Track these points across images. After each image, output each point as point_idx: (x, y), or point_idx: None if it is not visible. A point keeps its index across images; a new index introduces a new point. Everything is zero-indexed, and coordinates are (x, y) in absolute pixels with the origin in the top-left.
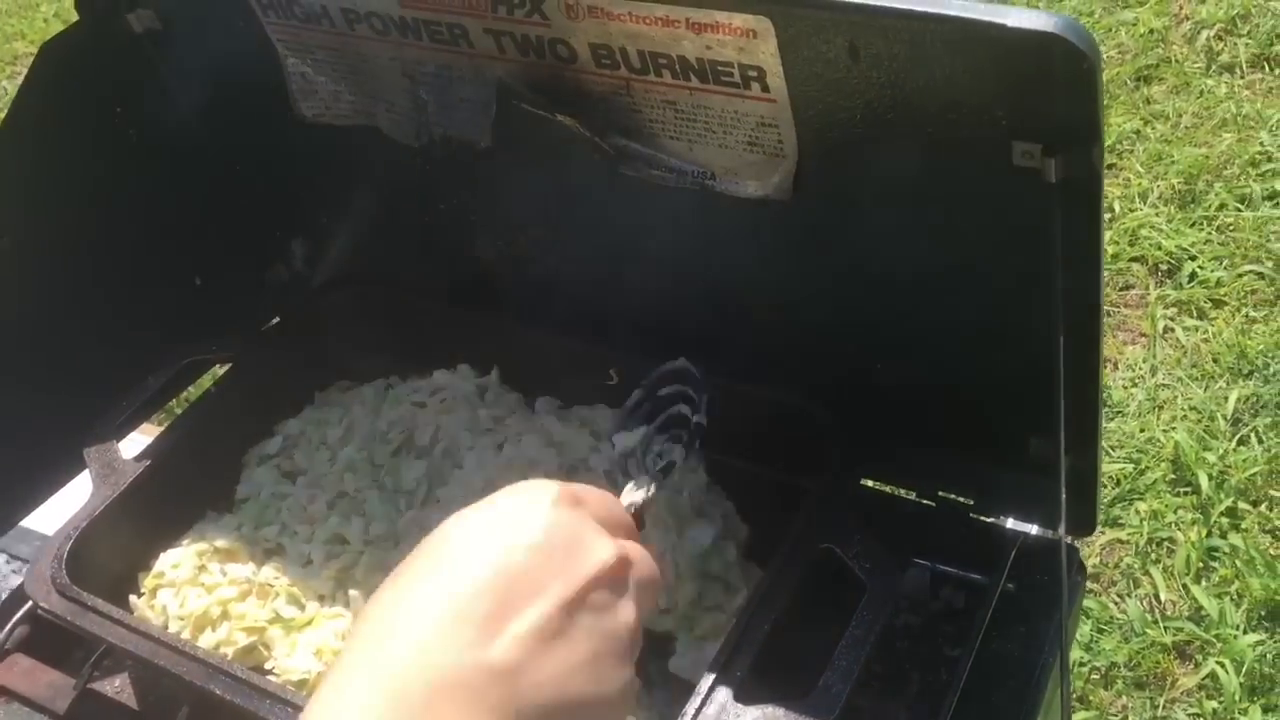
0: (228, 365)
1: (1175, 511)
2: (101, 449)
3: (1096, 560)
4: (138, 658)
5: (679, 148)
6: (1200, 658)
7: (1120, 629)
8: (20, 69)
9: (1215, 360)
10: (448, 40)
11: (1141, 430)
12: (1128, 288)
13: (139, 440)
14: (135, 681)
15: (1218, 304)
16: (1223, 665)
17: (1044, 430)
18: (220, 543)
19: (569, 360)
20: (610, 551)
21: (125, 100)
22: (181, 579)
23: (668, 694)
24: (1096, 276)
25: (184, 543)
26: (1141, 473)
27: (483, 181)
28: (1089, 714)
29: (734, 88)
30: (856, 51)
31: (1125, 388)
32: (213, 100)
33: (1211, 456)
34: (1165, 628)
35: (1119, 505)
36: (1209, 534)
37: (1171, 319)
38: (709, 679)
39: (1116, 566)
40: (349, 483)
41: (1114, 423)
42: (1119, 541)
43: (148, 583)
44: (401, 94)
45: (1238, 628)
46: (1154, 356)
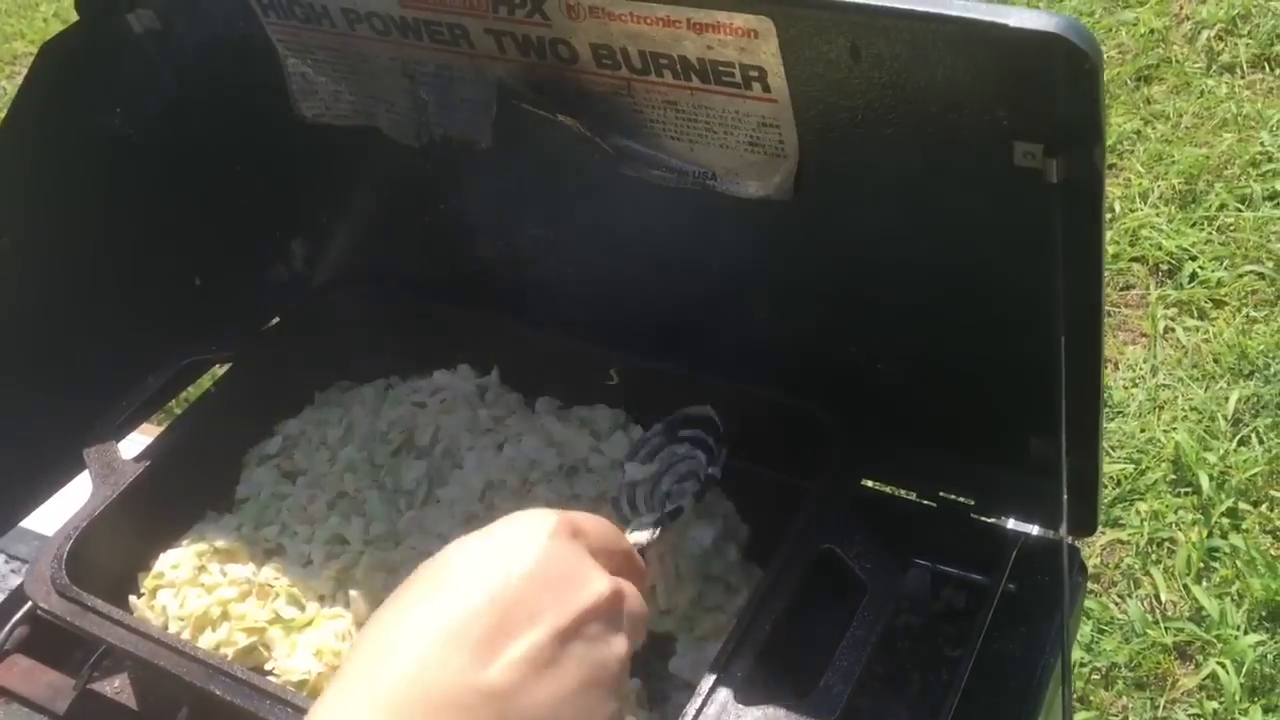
0: (228, 365)
1: (1176, 512)
2: (101, 449)
3: (1097, 561)
4: (137, 658)
5: (680, 148)
6: (1201, 658)
7: (1121, 629)
8: (20, 69)
9: (1216, 360)
10: (448, 40)
11: (1142, 430)
12: (1128, 288)
13: (139, 440)
14: (135, 682)
15: (1218, 304)
16: (1223, 666)
17: (1045, 430)
18: (220, 543)
19: (569, 360)
20: (605, 585)
21: (125, 100)
22: (181, 579)
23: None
24: (1098, 277)
25: (184, 543)
26: (1142, 473)
27: (483, 182)
28: (1090, 714)
29: (735, 88)
30: (858, 51)
31: (1126, 388)
32: (213, 100)
33: (1212, 457)
34: (1166, 628)
35: (1119, 505)
36: (1210, 534)
37: (1172, 319)
38: (709, 679)
39: (1117, 567)
40: (349, 483)
41: (1114, 423)
42: (1119, 542)
43: (147, 583)
44: (402, 94)
45: (1238, 628)
46: (1154, 357)
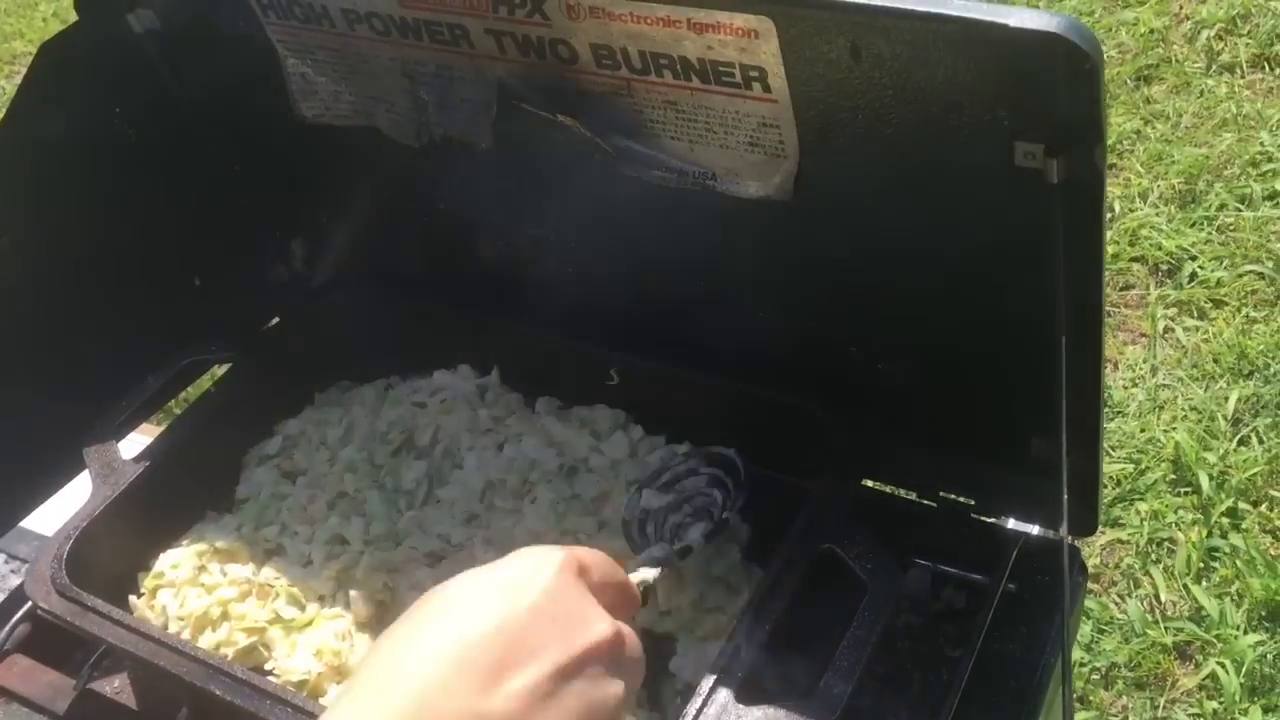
0: (228, 365)
1: (1176, 512)
2: (101, 449)
3: (1097, 560)
4: (137, 658)
5: (680, 148)
6: (1200, 658)
7: (1121, 629)
8: (19, 68)
9: (1216, 360)
10: (448, 40)
11: (1142, 430)
12: (1128, 288)
13: (138, 440)
14: (135, 682)
15: (1218, 304)
16: (1223, 665)
17: (1045, 430)
18: (220, 543)
19: (569, 360)
20: (607, 628)
21: (124, 100)
22: (181, 579)
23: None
24: (1098, 277)
25: (184, 543)
26: (1142, 473)
27: (483, 182)
28: (1089, 714)
29: (735, 88)
30: (858, 52)
31: (1125, 388)
32: (212, 100)
33: (1212, 457)
34: (1166, 628)
35: (1119, 505)
36: (1209, 534)
37: (1172, 319)
38: (710, 679)
39: (1117, 567)
40: (349, 483)
41: (1114, 423)
42: (1119, 542)
43: (147, 583)
44: (402, 94)
45: (1238, 628)
46: (1154, 356)
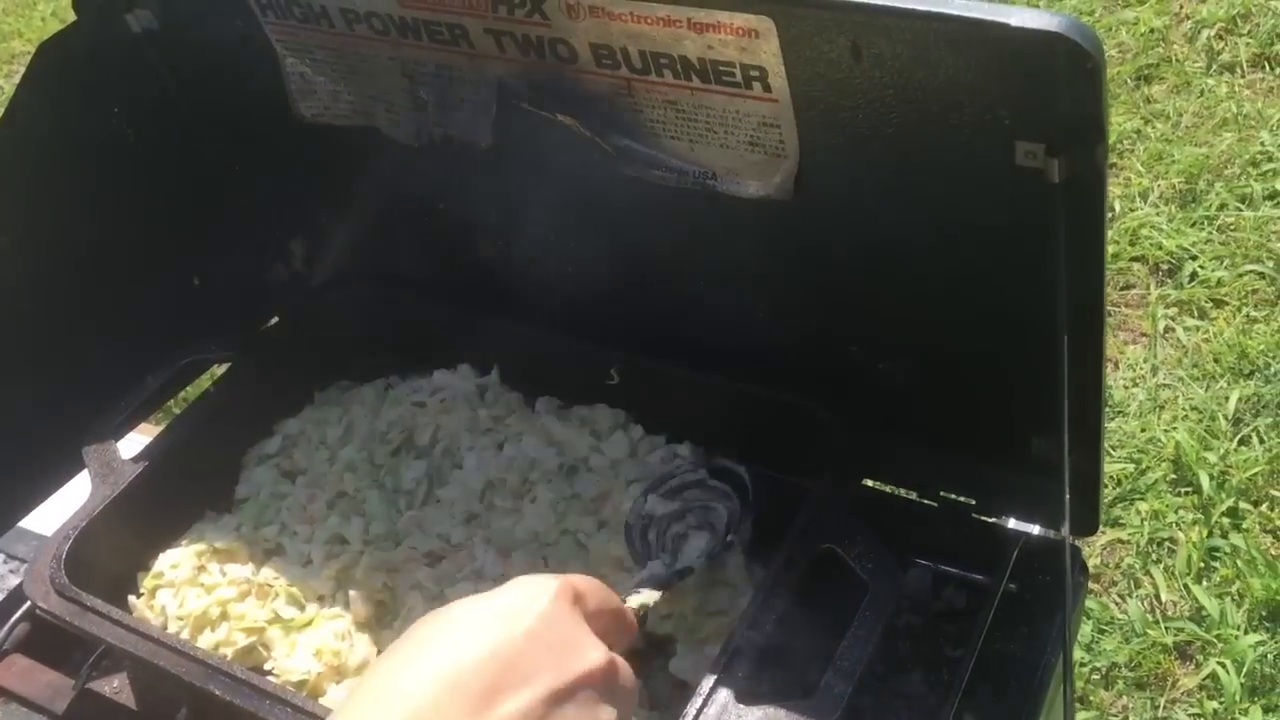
0: (227, 365)
1: (1176, 511)
2: (100, 449)
3: (1097, 560)
4: (137, 658)
5: (680, 148)
6: (1201, 658)
7: (1121, 629)
8: (17, 68)
9: (1216, 360)
10: (448, 40)
11: (1142, 430)
12: (1128, 287)
13: (138, 440)
14: (134, 682)
15: (1219, 304)
16: (1224, 665)
17: (1046, 430)
18: (219, 543)
19: (569, 360)
20: (601, 656)
21: (123, 100)
22: (181, 579)
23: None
24: (1099, 276)
25: (183, 543)
26: (1142, 473)
27: (483, 182)
28: (1090, 714)
29: (735, 87)
30: (859, 51)
31: (1126, 387)
32: (211, 100)
33: (1212, 456)
34: (1166, 628)
35: (1120, 505)
36: (1210, 534)
37: (1172, 319)
38: (710, 679)
39: (1117, 567)
40: (349, 482)
41: (1115, 422)
42: (1120, 542)
43: (147, 583)
44: (401, 94)
45: (1239, 628)
46: (1155, 356)
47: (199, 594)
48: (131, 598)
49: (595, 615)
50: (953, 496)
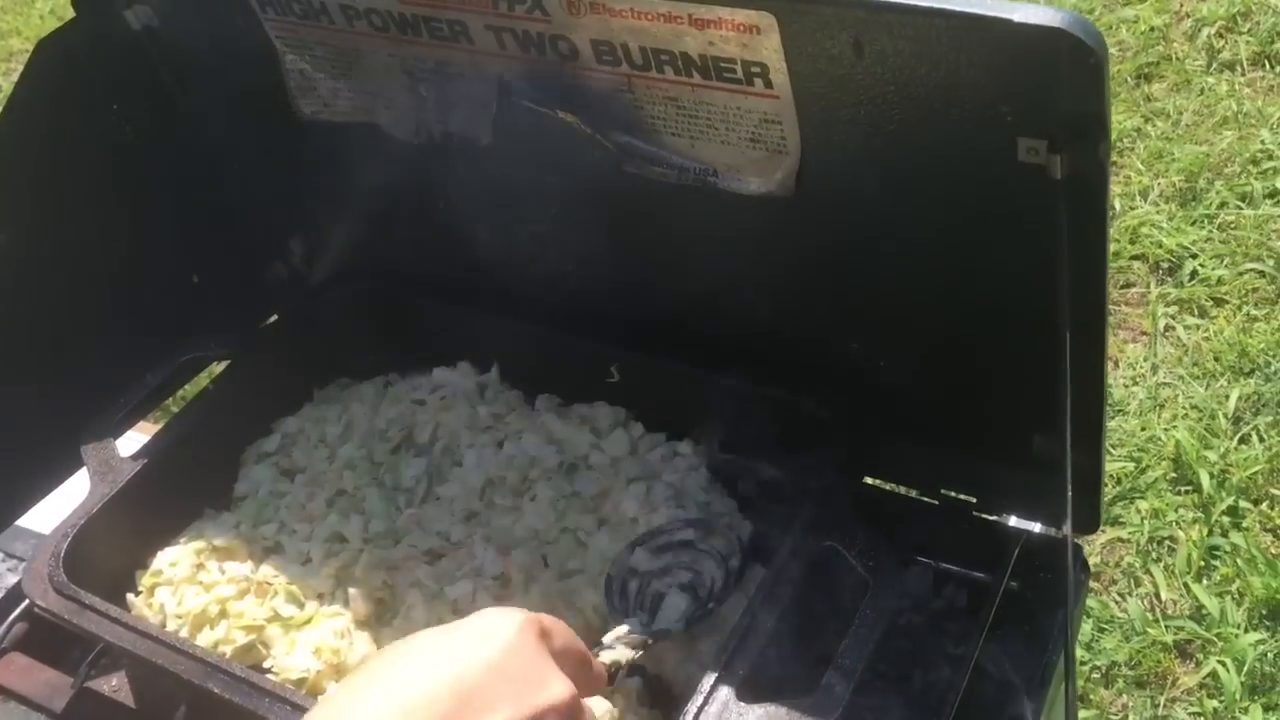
0: (226, 363)
1: (1176, 510)
2: (99, 446)
3: (1097, 559)
4: (135, 656)
5: (681, 144)
6: (1201, 657)
7: (1121, 628)
8: (16, 66)
9: (1216, 359)
10: (448, 37)
11: (1142, 429)
12: (1129, 286)
13: (136, 438)
14: (133, 680)
15: (1219, 302)
16: (1224, 664)
17: (1047, 428)
18: (218, 541)
19: (569, 357)
20: (564, 690)
21: (122, 97)
22: (179, 577)
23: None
24: (1101, 273)
25: (182, 541)
26: (1142, 471)
27: (482, 178)
28: (1090, 713)
29: (736, 84)
30: (861, 47)
31: (1126, 386)
32: (210, 97)
33: (1213, 455)
34: (1166, 627)
35: (1120, 504)
36: (1210, 533)
37: (1172, 317)
38: (711, 678)
39: (1117, 565)
40: (348, 480)
41: (1115, 421)
42: (1120, 540)
43: (145, 581)
44: (401, 91)
45: (1239, 626)
46: (1155, 355)
47: (198, 592)
48: (130, 596)
49: (561, 654)
50: (954, 494)
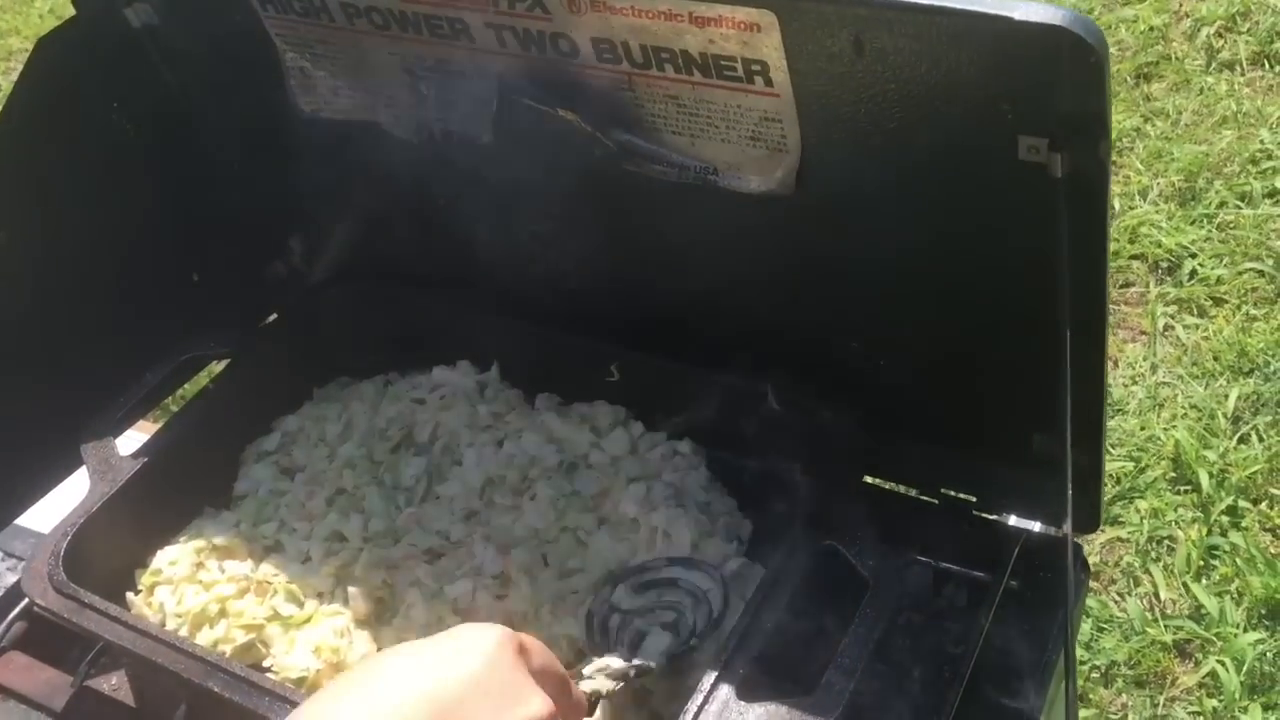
0: (225, 361)
1: (1175, 510)
2: (98, 445)
3: (1097, 559)
4: (135, 655)
5: (681, 143)
6: (1200, 656)
7: (1120, 627)
8: (15, 65)
9: (1216, 358)
10: (448, 35)
11: (1142, 428)
12: (1128, 285)
13: (136, 437)
14: (133, 679)
15: (1218, 302)
16: (1223, 664)
17: (1047, 427)
18: (218, 540)
19: (569, 356)
20: (543, 707)
21: (122, 95)
22: (179, 576)
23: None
24: (1102, 272)
25: (182, 540)
26: (1142, 471)
27: (483, 177)
28: (1090, 712)
29: (737, 82)
30: (861, 45)
31: (1125, 385)
32: (211, 96)
33: (1212, 455)
34: (1165, 626)
35: (1119, 503)
36: (1209, 532)
37: (1172, 317)
38: (711, 676)
39: (1117, 565)
40: (348, 479)
41: (1114, 421)
42: (1119, 540)
43: (145, 580)
44: (401, 89)
45: (1238, 626)
46: (1154, 354)
47: (197, 591)
48: (130, 595)
49: (540, 673)
50: (954, 493)
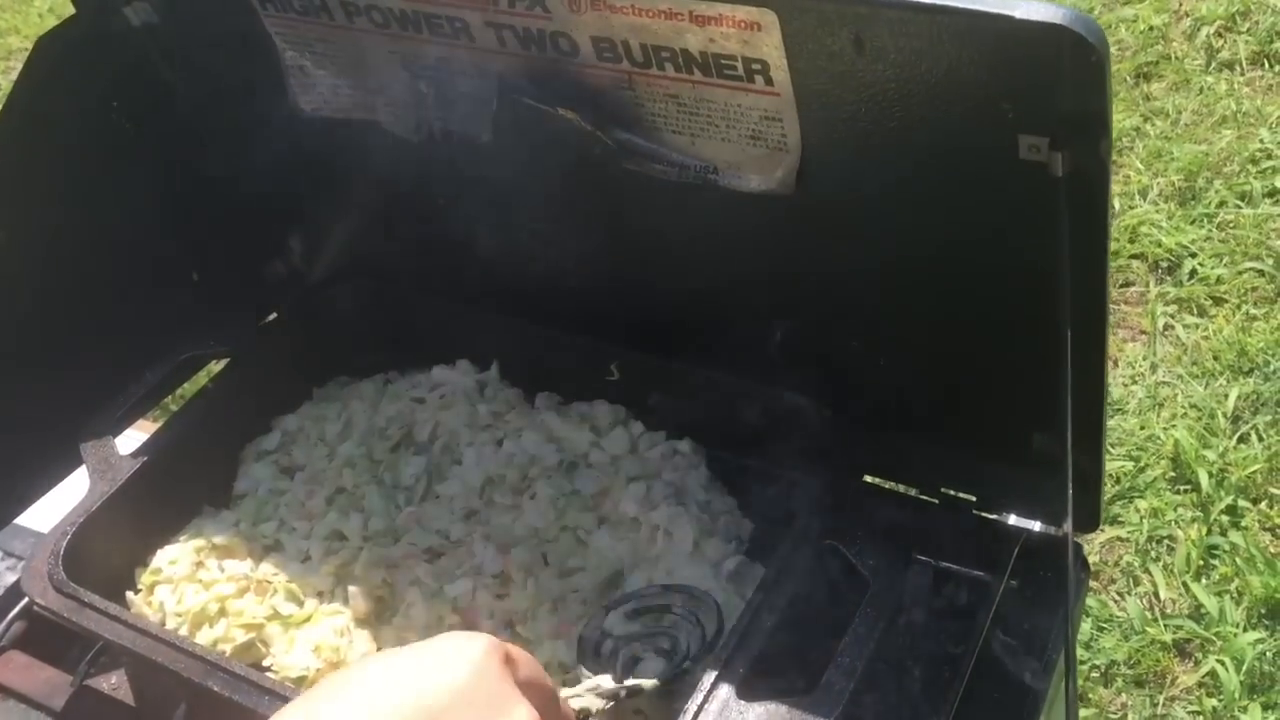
0: (225, 361)
1: (1175, 509)
2: (98, 444)
3: (1096, 558)
4: (135, 654)
5: (681, 142)
6: (1200, 655)
7: (1120, 627)
8: (15, 64)
9: (1215, 358)
10: (448, 33)
11: (1141, 428)
12: (1128, 285)
13: (135, 436)
14: (132, 678)
15: (1218, 301)
16: (1223, 663)
17: (1047, 426)
18: (218, 539)
19: (569, 355)
20: (527, 718)
21: (122, 94)
22: (179, 575)
23: None
24: (1102, 271)
25: (181, 539)
26: (1141, 470)
27: (483, 176)
28: (1089, 712)
29: (737, 81)
30: (861, 44)
31: (1125, 385)
32: (210, 94)
33: (1211, 454)
34: (1165, 626)
35: (1119, 503)
36: (1209, 532)
37: (1172, 316)
38: (711, 676)
39: (1116, 564)
40: (347, 478)
41: (1114, 420)
42: (1119, 539)
43: (145, 579)
44: (401, 88)
45: (1238, 625)
46: (1154, 354)
47: (197, 590)
48: (129, 594)
49: (527, 685)
50: (953, 493)
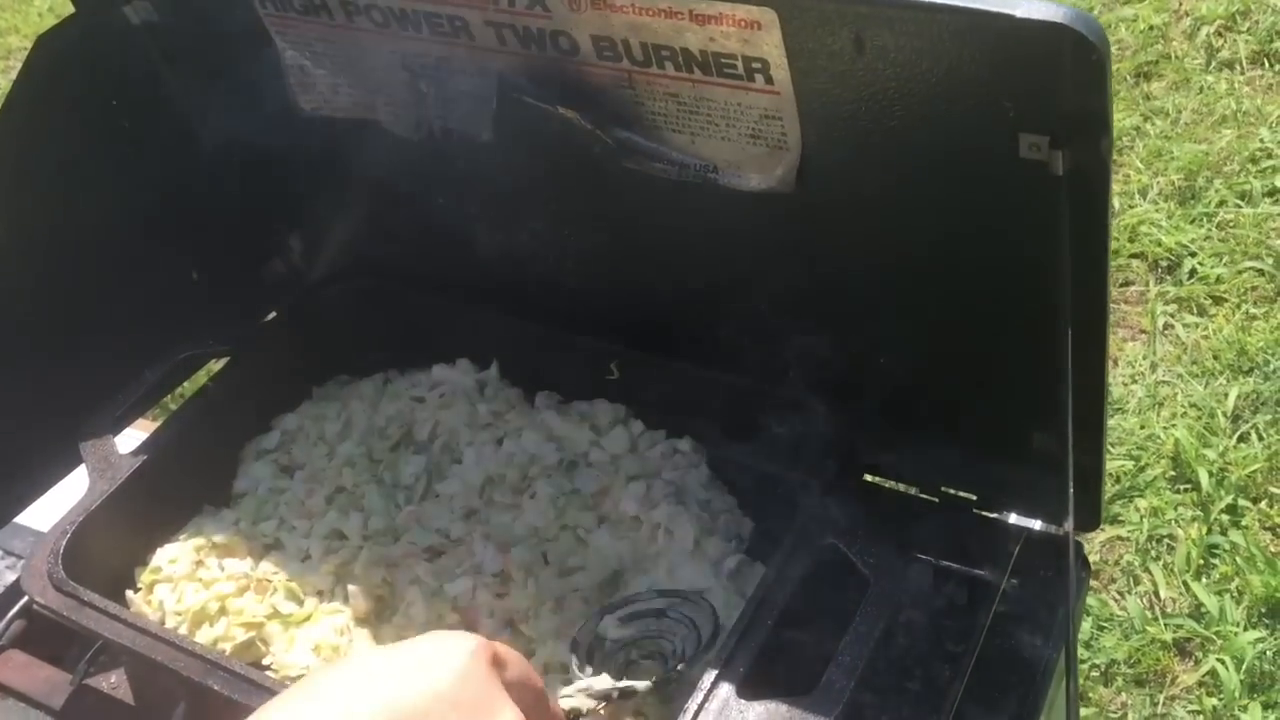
0: (224, 360)
1: (1175, 508)
2: (97, 443)
3: (1096, 557)
4: (135, 653)
5: (681, 141)
6: (1200, 655)
7: (1120, 626)
8: (15, 63)
9: (1215, 357)
10: (448, 32)
11: (1141, 427)
12: (1128, 284)
13: (135, 435)
14: (132, 677)
15: (1218, 301)
16: (1223, 662)
17: (1048, 425)
18: (218, 538)
19: (569, 355)
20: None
21: (121, 93)
22: (179, 574)
23: None
24: (1103, 270)
25: (181, 538)
26: (1141, 470)
27: (483, 175)
28: (1089, 711)
29: (737, 80)
30: (862, 43)
31: (1125, 384)
32: (210, 93)
33: (1212, 453)
34: (1165, 625)
35: (1119, 502)
36: (1209, 531)
37: (1171, 315)
38: (712, 675)
39: (1116, 564)
40: (347, 478)
41: (1114, 419)
42: (1119, 539)
43: (145, 578)
44: (401, 87)
45: (1238, 625)
46: (1154, 353)
47: (197, 589)
48: (129, 593)
49: (515, 686)
50: (954, 492)
